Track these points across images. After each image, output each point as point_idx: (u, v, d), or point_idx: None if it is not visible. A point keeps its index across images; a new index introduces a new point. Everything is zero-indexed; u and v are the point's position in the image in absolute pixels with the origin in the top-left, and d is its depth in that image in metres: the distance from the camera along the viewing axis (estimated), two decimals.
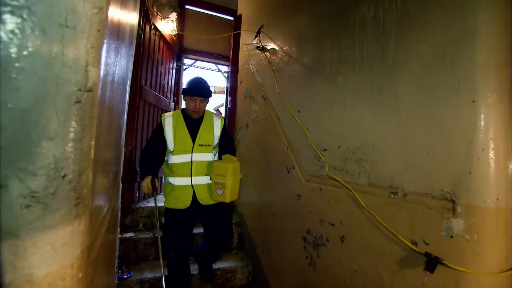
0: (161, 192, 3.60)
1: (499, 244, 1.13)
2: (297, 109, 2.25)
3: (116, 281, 2.23)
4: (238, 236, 3.18)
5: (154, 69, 3.72)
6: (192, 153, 2.05)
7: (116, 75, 0.80)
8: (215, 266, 2.67)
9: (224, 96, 5.58)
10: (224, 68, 5.72)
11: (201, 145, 2.08)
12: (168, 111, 4.47)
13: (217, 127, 2.18)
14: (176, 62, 4.84)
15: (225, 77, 5.76)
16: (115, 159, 1.19)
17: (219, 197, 1.99)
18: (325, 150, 1.91)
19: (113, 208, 1.34)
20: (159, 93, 3.89)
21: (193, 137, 2.08)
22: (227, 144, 2.24)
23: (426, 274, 1.26)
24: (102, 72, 0.48)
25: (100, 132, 0.57)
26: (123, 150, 2.36)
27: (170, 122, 2.08)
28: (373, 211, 1.51)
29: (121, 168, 2.22)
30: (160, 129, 2.09)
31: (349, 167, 1.72)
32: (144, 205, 3.41)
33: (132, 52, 2.20)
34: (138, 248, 2.92)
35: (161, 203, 2.44)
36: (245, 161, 3.06)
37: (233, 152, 2.25)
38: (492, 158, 1.13)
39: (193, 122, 2.12)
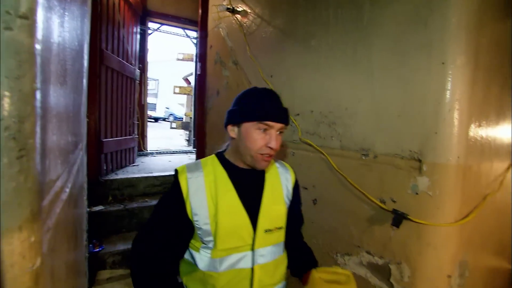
0: None
1: (456, 198, 1.21)
2: (270, 74, 2.19)
3: (87, 255, 2.17)
4: None
5: (116, 32, 3.42)
6: (253, 249, 0.95)
7: (66, 21, 0.69)
8: None
9: (193, 64, 5.32)
10: (193, 34, 5.41)
11: (269, 230, 0.98)
12: (133, 79, 4.17)
13: (287, 186, 1.08)
14: (140, 26, 4.49)
15: (193, 43, 5.46)
16: (75, 124, 1.09)
17: None
18: (298, 114, 1.90)
19: (76, 178, 1.25)
20: (122, 59, 3.61)
21: (253, 215, 0.96)
22: (298, 219, 1.19)
23: (393, 230, 1.33)
24: (41, 0, 0.39)
25: (48, 79, 0.48)
26: (86, 119, 2.19)
27: (202, 186, 0.92)
28: (345, 173, 1.54)
29: (85, 138, 2.07)
30: (178, 203, 0.91)
31: (321, 131, 1.73)
32: (112, 177, 3.28)
33: (88, 9, 1.97)
34: (109, 221, 2.84)
35: None
36: (216, 129, 2.99)
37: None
38: (456, 118, 1.17)
39: (247, 182, 0.99)
